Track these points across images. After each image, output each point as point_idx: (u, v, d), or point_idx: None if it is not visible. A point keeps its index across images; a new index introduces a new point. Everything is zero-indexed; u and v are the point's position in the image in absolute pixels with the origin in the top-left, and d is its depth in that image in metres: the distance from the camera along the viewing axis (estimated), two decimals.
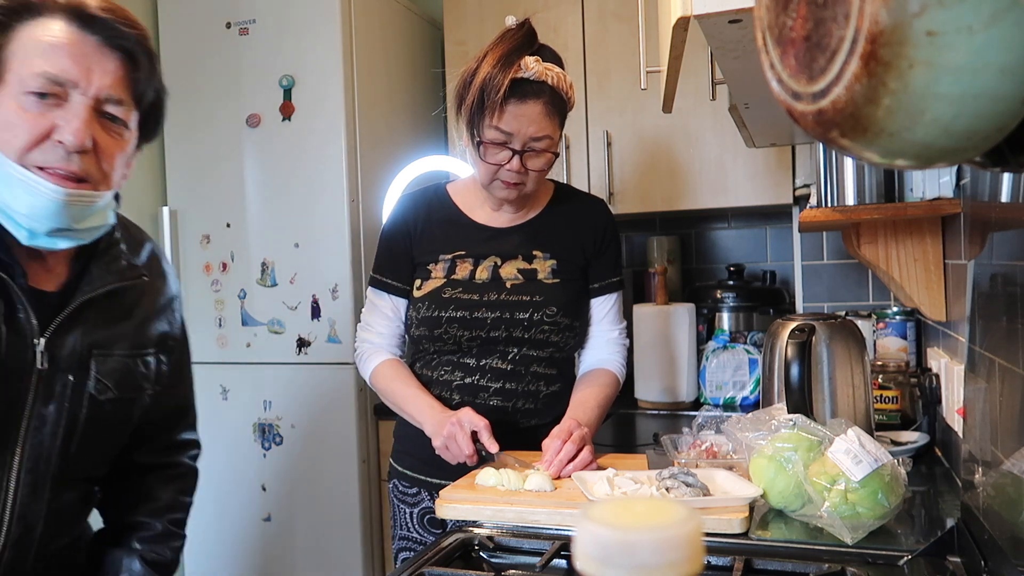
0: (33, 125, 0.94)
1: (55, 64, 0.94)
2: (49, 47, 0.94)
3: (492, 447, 1.36)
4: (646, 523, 0.36)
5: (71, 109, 0.95)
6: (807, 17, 0.45)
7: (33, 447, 1.02)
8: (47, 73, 0.94)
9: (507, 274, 1.54)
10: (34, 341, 1.01)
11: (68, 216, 0.97)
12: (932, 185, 1.62)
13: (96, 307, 1.07)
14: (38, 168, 0.95)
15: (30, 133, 0.94)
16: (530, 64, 1.42)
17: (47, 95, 0.94)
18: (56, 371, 1.03)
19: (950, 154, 0.43)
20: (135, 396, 1.13)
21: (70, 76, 0.95)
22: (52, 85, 0.94)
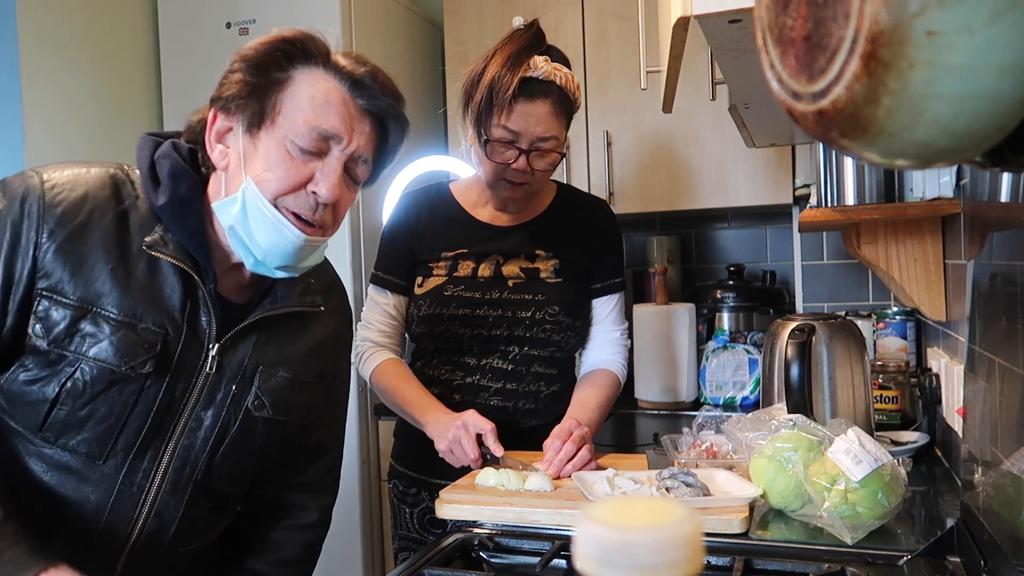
0: (296, 174, 1.01)
1: (327, 122, 1.01)
2: (323, 103, 1.01)
3: (498, 451, 1.35)
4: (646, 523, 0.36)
5: (329, 164, 1.02)
6: (807, 17, 0.45)
7: (184, 447, 1.06)
8: (319, 129, 1.01)
9: (509, 273, 1.54)
10: (209, 346, 1.06)
11: (299, 257, 1.05)
12: (932, 185, 1.62)
13: (272, 327, 1.12)
14: (287, 211, 1.02)
15: (292, 181, 1.01)
16: (539, 64, 1.42)
17: (312, 151, 1.02)
18: (221, 379, 1.08)
19: (950, 154, 0.43)
20: (287, 420, 1.15)
21: (337, 132, 1.02)
22: (320, 141, 1.02)
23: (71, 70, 2.32)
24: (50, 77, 2.26)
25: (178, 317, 1.03)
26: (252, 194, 1.01)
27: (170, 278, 1.03)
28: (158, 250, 1.02)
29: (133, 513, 1.04)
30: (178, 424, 1.06)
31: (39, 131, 2.20)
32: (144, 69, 2.58)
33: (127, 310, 1.00)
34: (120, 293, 1.00)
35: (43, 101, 2.22)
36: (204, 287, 1.04)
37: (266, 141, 1.02)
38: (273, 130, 1.01)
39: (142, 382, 1.01)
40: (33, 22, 2.22)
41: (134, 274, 1.01)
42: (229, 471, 1.12)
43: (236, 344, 1.09)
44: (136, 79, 2.56)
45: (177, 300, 1.03)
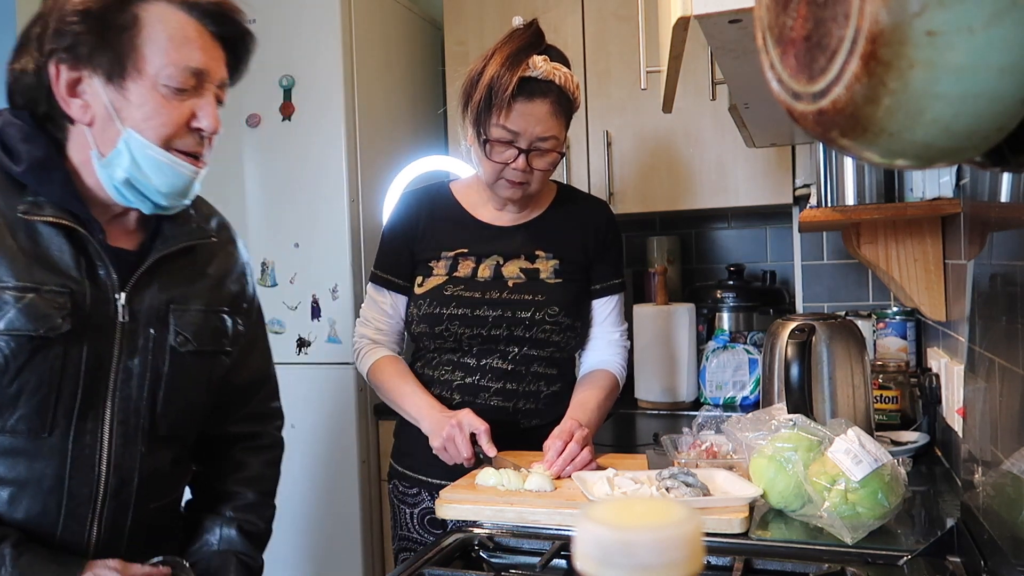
0: (178, 115, 1.03)
1: (193, 58, 1.03)
2: (183, 40, 1.02)
3: (490, 451, 1.36)
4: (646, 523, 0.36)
5: (205, 99, 1.05)
6: (807, 17, 0.45)
7: (122, 399, 1.07)
8: (188, 67, 1.02)
9: (509, 273, 1.54)
10: (115, 296, 1.06)
11: (190, 192, 1.09)
12: (932, 185, 1.62)
13: (171, 265, 1.13)
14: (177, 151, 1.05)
15: (176, 123, 1.03)
16: (538, 63, 1.42)
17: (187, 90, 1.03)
18: (137, 325, 1.08)
19: (950, 154, 0.43)
20: (214, 350, 1.18)
21: (205, 66, 1.04)
22: (190, 78, 1.03)
23: None
24: None
25: (76, 275, 1.03)
26: (138, 144, 1.02)
27: (55, 240, 1.02)
28: (35, 215, 1.01)
29: (93, 475, 1.05)
30: (110, 379, 1.06)
31: None
32: None
33: (25, 277, 0.99)
34: (11, 264, 0.99)
35: None
36: (94, 239, 1.04)
37: (136, 91, 1.01)
38: (141, 78, 1.01)
39: (63, 344, 1.00)
40: None
41: (18, 245, 1.00)
42: (176, 414, 1.13)
43: (142, 290, 1.09)
44: None
45: (70, 259, 1.03)
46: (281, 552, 2.44)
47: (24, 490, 1.01)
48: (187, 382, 1.14)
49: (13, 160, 1.02)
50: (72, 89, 1.02)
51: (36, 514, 1.02)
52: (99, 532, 1.06)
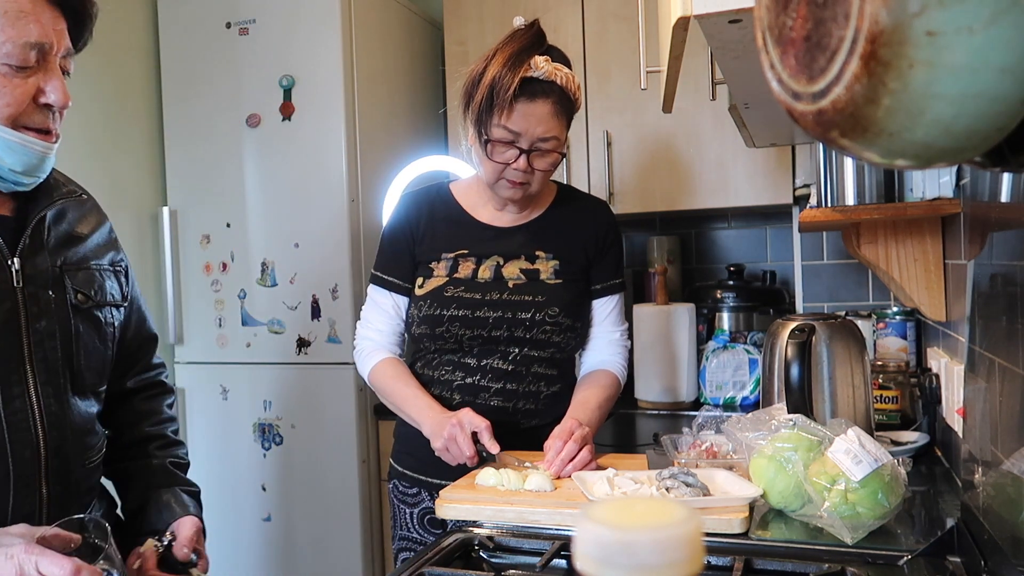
0: (22, 93, 1.01)
1: (30, 33, 1.00)
2: (18, 14, 0.99)
3: (493, 448, 1.36)
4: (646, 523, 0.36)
5: (51, 72, 1.03)
6: (807, 17, 0.45)
7: (40, 360, 1.09)
8: (27, 42, 0.99)
9: (510, 274, 1.54)
10: (8, 263, 1.08)
11: (45, 167, 1.08)
12: (932, 185, 1.62)
13: (52, 230, 1.15)
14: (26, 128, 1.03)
15: (21, 101, 1.01)
16: (540, 63, 1.42)
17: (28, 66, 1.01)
18: (36, 289, 1.10)
19: (950, 154, 0.43)
20: (110, 304, 1.22)
21: (45, 39, 1.01)
22: (32, 54, 1.00)
23: None
24: None
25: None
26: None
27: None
28: None
29: (31, 436, 1.07)
30: (23, 342, 1.08)
31: None
32: (144, 69, 2.58)
33: None
34: None
35: None
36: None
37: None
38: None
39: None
40: None
41: None
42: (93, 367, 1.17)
43: (32, 256, 1.11)
44: (136, 79, 2.56)
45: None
46: (281, 552, 2.44)
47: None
48: (95, 336, 1.18)
49: None
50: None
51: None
52: (49, 492, 1.09)
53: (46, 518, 1.07)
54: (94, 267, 1.20)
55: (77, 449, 1.13)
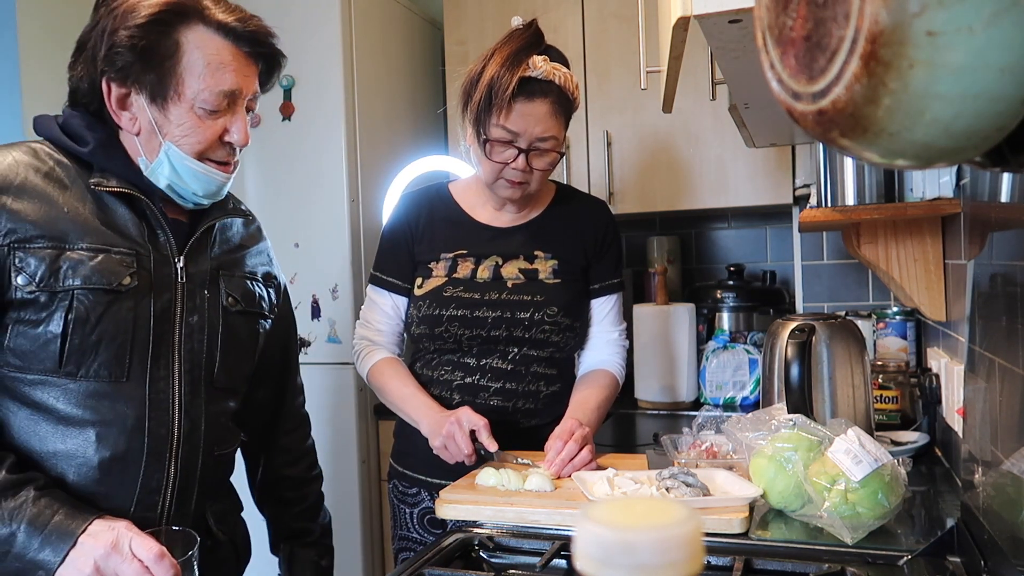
0: (211, 133, 1.15)
1: (226, 82, 1.13)
2: (219, 66, 1.13)
3: (491, 446, 1.36)
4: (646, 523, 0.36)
5: (237, 115, 1.17)
6: (807, 17, 0.45)
7: (188, 351, 1.19)
8: (222, 91, 1.13)
9: (508, 274, 1.54)
10: (174, 260, 1.18)
11: (221, 191, 1.22)
12: (932, 185, 1.62)
13: (217, 239, 1.27)
14: (210, 161, 1.17)
15: (209, 139, 1.15)
16: (538, 63, 1.42)
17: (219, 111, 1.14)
18: (194, 286, 1.21)
19: (950, 154, 0.43)
20: (257, 312, 1.31)
21: (237, 87, 1.15)
22: (224, 100, 1.14)
23: None
24: (50, 77, 2.25)
25: (140, 240, 1.15)
26: (176, 156, 1.14)
27: (119, 210, 1.15)
28: (104, 186, 1.13)
29: (168, 417, 1.15)
30: (175, 333, 1.17)
31: None
32: None
33: (96, 240, 1.11)
34: (84, 230, 1.10)
35: (43, 101, 2.22)
36: (154, 207, 1.16)
37: (176, 111, 1.13)
38: (180, 101, 1.12)
39: (133, 299, 1.12)
40: (33, 22, 2.22)
41: (87, 214, 1.12)
42: (230, 368, 1.26)
43: (195, 256, 1.21)
44: None
45: (133, 226, 1.15)
46: None
47: (109, 429, 1.10)
48: (238, 339, 1.26)
49: (79, 144, 1.14)
50: (122, 103, 1.14)
51: (122, 451, 1.11)
52: (176, 472, 1.16)
53: (170, 496, 1.16)
54: (248, 275, 1.30)
55: (206, 439, 1.21)
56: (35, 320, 1.07)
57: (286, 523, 1.46)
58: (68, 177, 1.13)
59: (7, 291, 1.07)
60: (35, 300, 1.06)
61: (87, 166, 1.15)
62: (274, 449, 1.45)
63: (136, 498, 1.13)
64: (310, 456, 1.51)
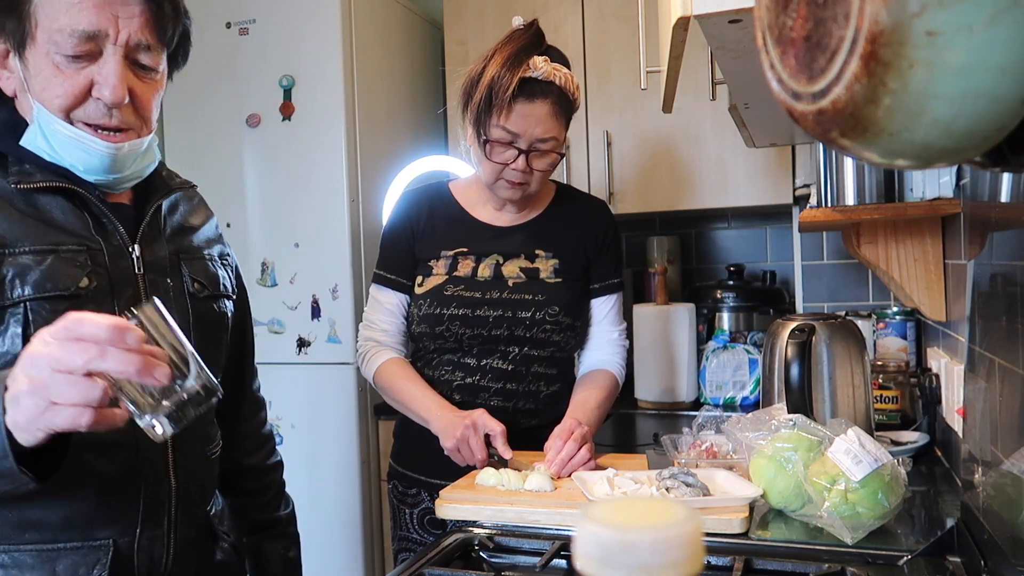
0: (72, 84, 0.96)
1: (83, 21, 0.94)
2: (74, 2, 0.93)
3: (506, 454, 1.35)
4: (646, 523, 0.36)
5: (106, 64, 0.96)
6: (807, 17, 0.45)
7: None
8: (78, 31, 0.93)
9: (509, 273, 1.54)
10: (129, 249, 1.04)
11: (119, 167, 1.02)
12: (932, 185, 1.62)
13: (167, 220, 1.14)
14: (82, 124, 0.98)
15: (70, 92, 0.96)
16: (539, 64, 1.42)
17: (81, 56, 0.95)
18: (156, 276, 1.07)
19: (950, 154, 0.43)
20: (223, 295, 1.20)
21: (100, 28, 0.94)
22: (84, 43, 0.94)
23: None
24: None
25: (87, 233, 1.00)
26: (45, 117, 0.97)
27: (55, 203, 1.00)
28: (28, 182, 0.98)
29: None
30: None
31: None
32: None
33: (41, 240, 0.96)
34: (23, 231, 0.96)
35: None
36: (92, 196, 1.01)
37: (34, 59, 0.96)
38: (35, 46, 0.96)
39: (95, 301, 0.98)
40: None
41: (21, 213, 0.97)
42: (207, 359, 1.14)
43: (151, 242, 1.08)
44: None
45: (75, 219, 1.00)
46: None
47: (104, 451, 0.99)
48: (208, 327, 1.15)
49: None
50: (3, 62, 1.00)
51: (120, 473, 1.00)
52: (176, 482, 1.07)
53: (175, 508, 1.06)
54: (206, 257, 1.18)
55: (198, 439, 1.12)
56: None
57: (250, 515, 1.35)
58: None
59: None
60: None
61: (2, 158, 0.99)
62: (235, 438, 1.32)
63: (141, 518, 1.03)
64: (270, 442, 1.40)
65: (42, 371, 0.76)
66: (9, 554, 0.95)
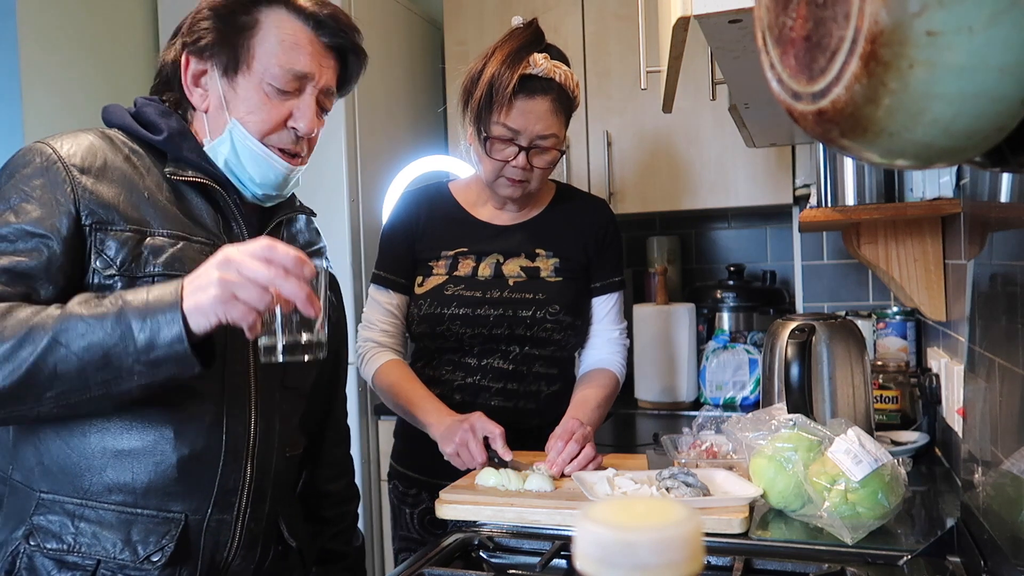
0: (276, 114, 1.11)
1: (298, 62, 1.11)
2: (293, 45, 1.10)
3: (506, 455, 1.34)
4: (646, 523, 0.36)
5: (304, 101, 1.13)
6: (807, 17, 0.45)
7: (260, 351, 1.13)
8: (293, 70, 1.10)
9: (510, 272, 1.54)
10: None
11: (284, 185, 1.17)
12: (932, 185, 1.62)
13: (285, 235, 1.25)
14: (273, 147, 1.13)
15: (273, 120, 1.11)
16: (539, 61, 1.42)
17: (289, 92, 1.11)
18: None
19: (950, 154, 0.43)
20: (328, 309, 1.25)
21: (309, 71, 1.12)
22: (294, 81, 1.11)
23: (71, 70, 2.32)
24: (50, 77, 2.25)
25: (215, 229, 1.12)
26: (239, 134, 1.11)
27: (195, 199, 1.12)
28: (180, 175, 1.10)
29: (244, 414, 1.11)
30: None
31: (39, 131, 2.20)
32: (144, 69, 2.58)
33: (176, 228, 1.07)
34: (163, 217, 1.07)
35: (43, 101, 2.22)
36: (229, 198, 1.13)
37: (244, 85, 1.10)
38: (250, 75, 1.10)
39: None
40: (33, 22, 2.22)
41: (165, 201, 1.08)
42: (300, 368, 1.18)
43: None
44: (136, 79, 2.56)
45: (208, 216, 1.12)
46: None
47: (188, 425, 1.06)
48: None
49: (153, 132, 1.11)
50: (197, 79, 1.13)
51: (200, 449, 1.06)
52: (252, 472, 1.12)
53: (246, 497, 1.11)
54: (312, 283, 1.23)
55: (280, 438, 1.18)
56: None
57: (321, 544, 1.38)
58: (143, 164, 1.10)
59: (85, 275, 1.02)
60: (111, 287, 1.01)
61: (161, 155, 1.12)
62: (319, 463, 1.38)
63: (214, 499, 1.08)
64: (351, 472, 1.45)
65: (233, 272, 0.90)
66: (95, 510, 1.03)
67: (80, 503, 1.03)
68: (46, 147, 1.04)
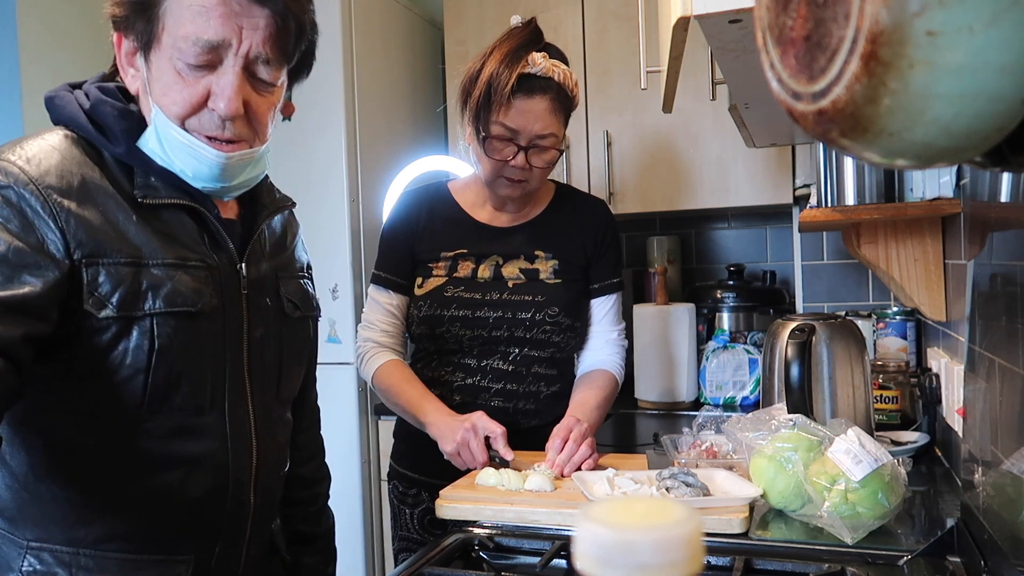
0: (191, 93, 0.95)
1: (208, 30, 0.92)
2: (201, 10, 0.92)
3: (508, 455, 1.34)
4: (646, 523, 0.36)
5: (224, 77, 0.94)
6: (807, 17, 0.45)
7: (257, 369, 1.06)
8: (201, 40, 0.92)
9: (509, 273, 1.54)
10: (238, 268, 1.04)
11: (228, 176, 1.00)
12: (932, 185, 1.62)
13: (267, 235, 1.14)
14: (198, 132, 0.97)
15: (187, 101, 0.95)
16: (537, 60, 1.42)
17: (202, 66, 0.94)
18: (257, 295, 1.07)
19: (950, 154, 0.43)
20: (313, 316, 1.21)
21: (223, 38, 0.93)
22: (206, 53, 0.93)
23: (71, 69, 2.32)
24: (50, 76, 2.25)
25: (205, 250, 1.01)
26: (161, 121, 0.96)
27: (176, 218, 0.99)
28: (154, 198, 0.97)
29: (247, 444, 1.04)
30: (243, 351, 1.04)
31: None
32: None
33: (170, 255, 0.96)
34: (155, 242, 0.95)
35: None
36: (210, 214, 1.02)
37: (157, 63, 0.95)
38: (160, 50, 0.94)
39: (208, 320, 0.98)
40: (33, 21, 2.22)
41: (149, 224, 0.96)
42: (292, 378, 1.15)
43: (255, 259, 1.08)
44: None
45: (194, 234, 1.00)
46: None
47: (197, 467, 0.99)
48: (297, 347, 1.15)
49: (111, 143, 0.97)
50: (131, 59, 0.99)
51: (209, 490, 1.00)
52: (255, 500, 1.06)
53: (250, 528, 1.06)
54: (298, 276, 1.18)
55: (278, 460, 1.12)
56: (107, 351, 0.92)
57: (293, 526, 1.33)
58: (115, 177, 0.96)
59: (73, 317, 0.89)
60: (106, 328, 0.91)
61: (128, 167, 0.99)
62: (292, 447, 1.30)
63: (223, 533, 1.03)
64: (321, 453, 1.39)
65: None
66: (95, 559, 0.96)
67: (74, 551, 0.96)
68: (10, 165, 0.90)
